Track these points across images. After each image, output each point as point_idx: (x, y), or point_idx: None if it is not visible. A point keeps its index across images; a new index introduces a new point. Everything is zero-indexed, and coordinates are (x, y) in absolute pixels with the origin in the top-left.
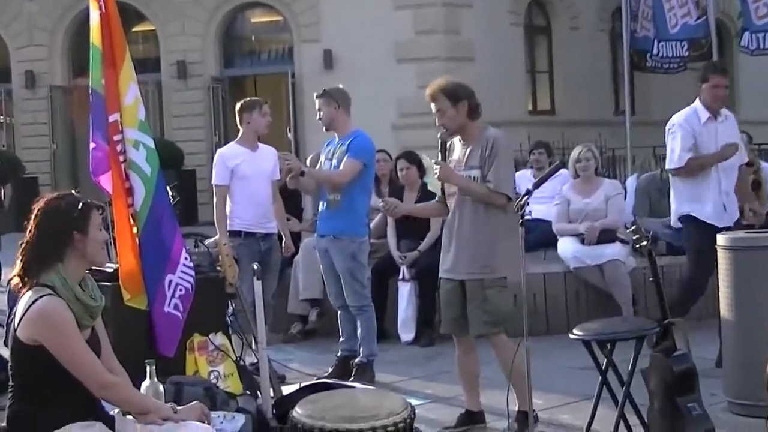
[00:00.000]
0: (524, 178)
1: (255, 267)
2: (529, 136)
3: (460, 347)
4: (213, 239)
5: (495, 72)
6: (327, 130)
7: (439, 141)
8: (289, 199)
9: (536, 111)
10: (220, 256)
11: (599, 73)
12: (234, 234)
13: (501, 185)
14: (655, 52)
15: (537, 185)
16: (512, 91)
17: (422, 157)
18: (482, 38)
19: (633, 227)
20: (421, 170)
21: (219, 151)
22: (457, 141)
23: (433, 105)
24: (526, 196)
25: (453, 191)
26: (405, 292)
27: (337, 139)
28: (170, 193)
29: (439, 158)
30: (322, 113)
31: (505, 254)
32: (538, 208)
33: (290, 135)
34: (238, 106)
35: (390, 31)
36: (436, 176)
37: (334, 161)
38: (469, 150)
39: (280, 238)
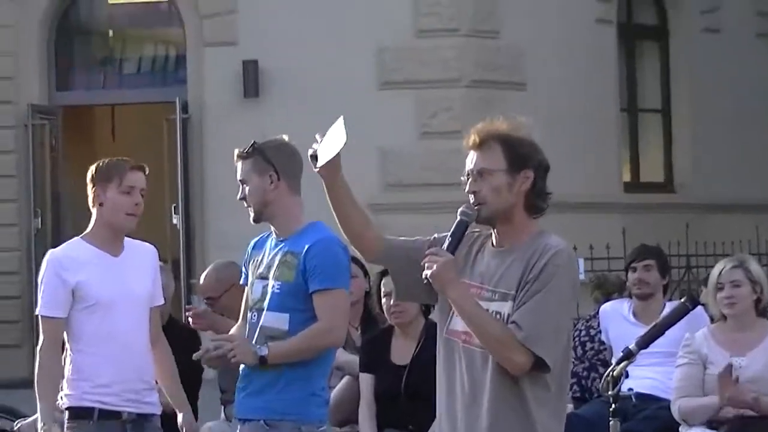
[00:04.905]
0: (616, 316)
1: None
2: (625, 230)
3: None
4: (30, 420)
5: (562, 109)
6: (256, 221)
7: (458, 218)
8: (181, 340)
9: (638, 184)
10: None
11: (758, 113)
12: (78, 414)
13: (535, 338)
14: None
15: (646, 341)
16: (593, 147)
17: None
18: (541, 46)
19: None
20: None
21: (50, 253)
22: (489, 246)
23: (472, 156)
24: (625, 362)
25: (458, 329)
26: None
27: (274, 238)
28: None
29: (446, 245)
30: (247, 189)
31: None
32: (643, 375)
33: (177, 220)
34: (88, 174)
35: (369, 27)
36: (427, 273)
37: (273, 282)
38: (506, 265)
39: (167, 419)
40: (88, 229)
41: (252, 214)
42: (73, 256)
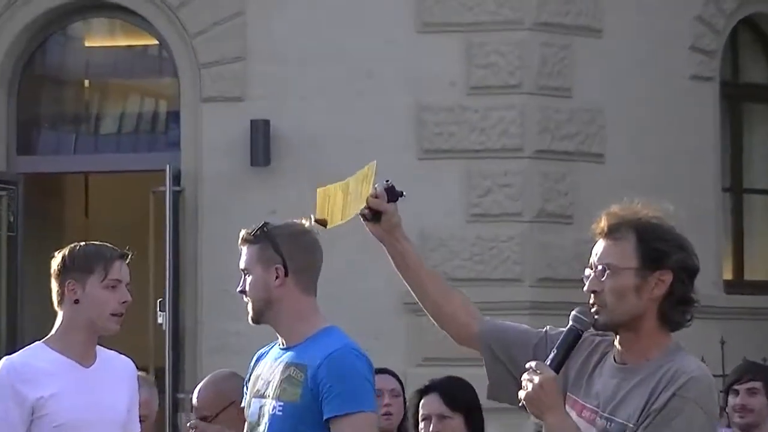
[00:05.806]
0: None
1: None
2: (724, 341)
3: None
4: None
5: (647, 187)
6: (256, 321)
7: (569, 323)
8: None
9: (742, 283)
10: None
11: None
12: None
13: None
14: None
15: None
16: (687, 235)
17: None
18: (623, 107)
19: None
20: (474, 419)
21: (6, 361)
22: (610, 359)
23: (599, 246)
24: None
25: None
26: None
27: (279, 345)
28: None
29: (550, 358)
30: (248, 281)
31: None
32: None
33: (162, 318)
34: (56, 263)
35: (409, 81)
36: (522, 395)
37: (273, 403)
38: (628, 388)
39: None
40: (53, 332)
41: (251, 313)
42: (35, 366)
